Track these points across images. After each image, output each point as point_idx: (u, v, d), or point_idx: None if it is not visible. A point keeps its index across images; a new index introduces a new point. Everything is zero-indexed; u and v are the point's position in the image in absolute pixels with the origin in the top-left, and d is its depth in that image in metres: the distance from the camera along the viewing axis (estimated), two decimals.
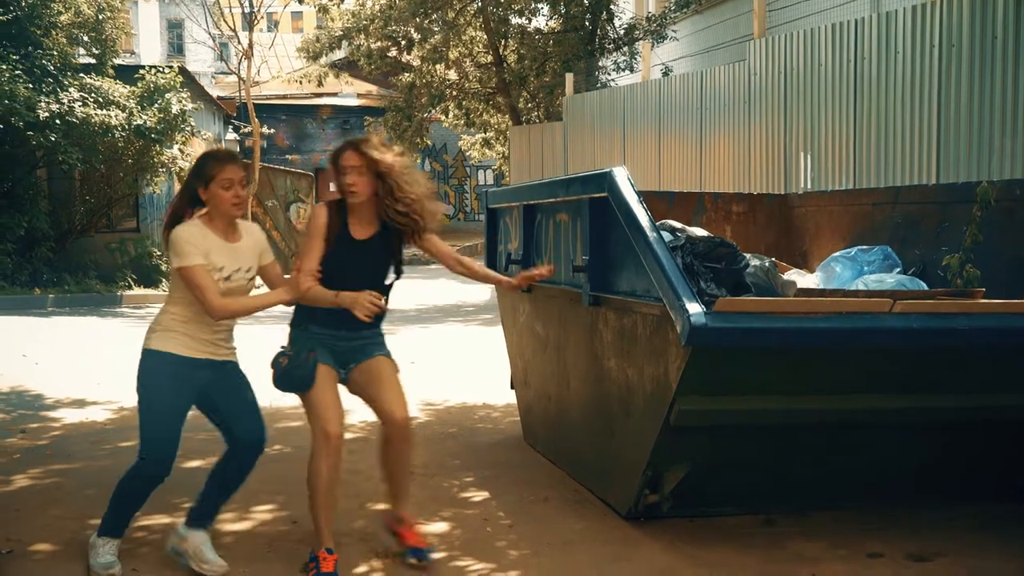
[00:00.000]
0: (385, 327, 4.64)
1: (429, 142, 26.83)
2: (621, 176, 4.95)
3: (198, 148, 20.16)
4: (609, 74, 21.46)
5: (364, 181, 4.38)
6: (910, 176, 9.15)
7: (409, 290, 20.43)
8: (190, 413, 4.28)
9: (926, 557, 4.53)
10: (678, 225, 5.76)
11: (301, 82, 26.96)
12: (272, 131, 28.35)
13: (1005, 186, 5.75)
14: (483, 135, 26.81)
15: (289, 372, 4.31)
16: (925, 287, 5.68)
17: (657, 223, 5.47)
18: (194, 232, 4.17)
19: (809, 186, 10.59)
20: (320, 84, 25.31)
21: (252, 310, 4.32)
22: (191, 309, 4.20)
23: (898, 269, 6.16)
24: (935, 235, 6.15)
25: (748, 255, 5.68)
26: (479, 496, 5.59)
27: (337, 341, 4.44)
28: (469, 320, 15.09)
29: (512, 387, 7.14)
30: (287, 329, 4.51)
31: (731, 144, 12.35)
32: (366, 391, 4.51)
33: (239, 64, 25.35)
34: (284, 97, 32.01)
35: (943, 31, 8.74)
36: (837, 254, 6.37)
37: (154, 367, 4.24)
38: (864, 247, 6.35)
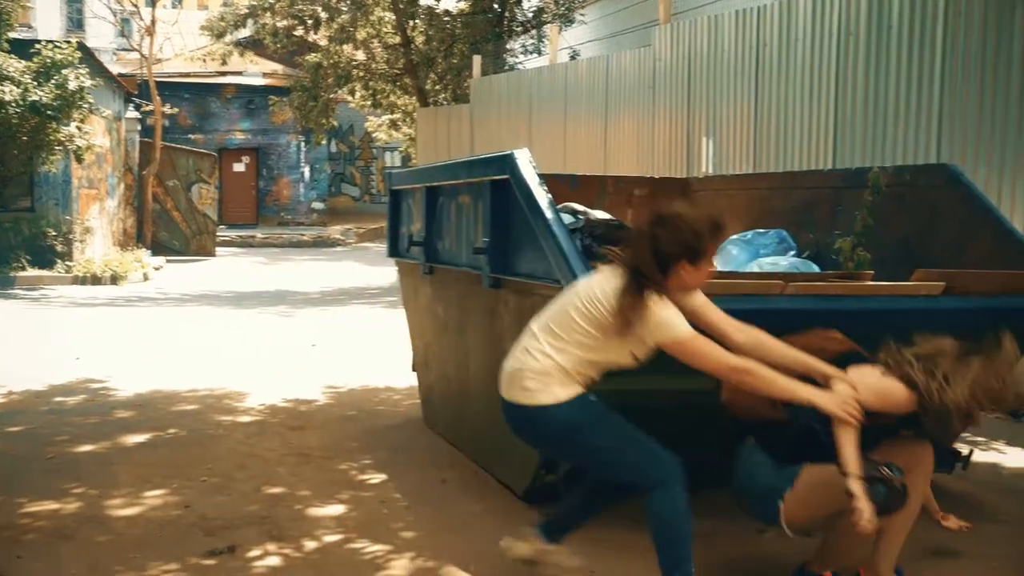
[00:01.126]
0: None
1: (335, 123, 26.56)
2: (523, 158, 4.94)
3: (96, 126, 19.64)
4: (517, 57, 21.48)
5: None
6: (807, 161, 9.32)
7: (313, 272, 20.24)
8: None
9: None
10: (580, 208, 5.77)
11: (205, 60, 26.45)
12: (175, 110, 27.76)
13: (896, 172, 5.89)
14: (390, 116, 26.64)
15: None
16: (818, 270, 5.79)
17: (559, 206, 5.49)
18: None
19: (711, 170, 10.73)
20: (224, 63, 24.89)
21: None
22: None
23: (793, 252, 6.27)
24: (829, 219, 6.28)
25: None
26: (377, 478, 5.55)
27: None
28: (374, 302, 14.99)
29: (413, 369, 7.11)
30: None
31: (635, 128, 12.44)
32: None
33: (141, 41, 24.77)
34: (187, 75, 31.34)
35: (841, 20, 8.91)
36: (734, 237, 6.46)
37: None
38: (760, 230, 6.45)
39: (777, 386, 3.59)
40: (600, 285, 3.62)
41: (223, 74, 30.38)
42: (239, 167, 33.42)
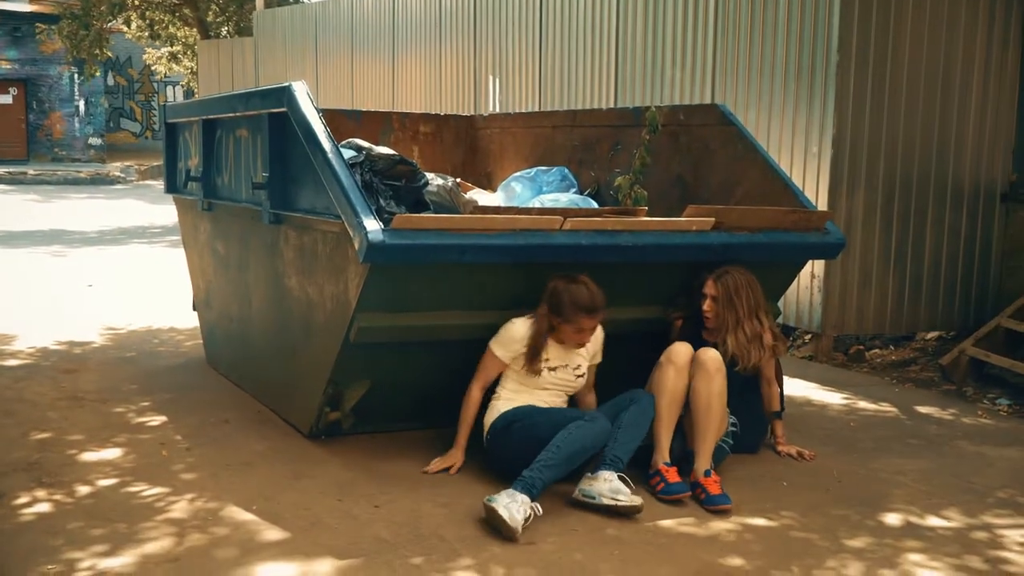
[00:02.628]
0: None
1: (110, 54, 25.31)
2: (300, 91, 4.84)
3: None
4: None
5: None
6: (590, 100, 9.52)
7: (91, 211, 19.34)
8: None
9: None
10: (364, 144, 5.71)
11: None
12: None
13: (671, 111, 6.08)
14: (170, 49, 25.57)
15: None
16: (597, 206, 5.95)
17: (343, 142, 5.42)
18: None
19: (497, 108, 10.82)
20: None
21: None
22: None
23: (574, 189, 6.41)
24: (609, 157, 6.44)
25: (431, 174, 5.74)
26: (156, 421, 5.40)
27: None
28: (155, 242, 14.47)
29: (194, 309, 6.92)
30: None
31: (423, 67, 12.39)
32: None
33: None
34: None
35: None
36: (517, 174, 6.56)
37: None
38: (544, 168, 6.57)
39: None
40: None
41: None
42: (5, 99, 31.41)
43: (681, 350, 4.65)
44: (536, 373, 4.54)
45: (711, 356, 4.60)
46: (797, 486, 4.64)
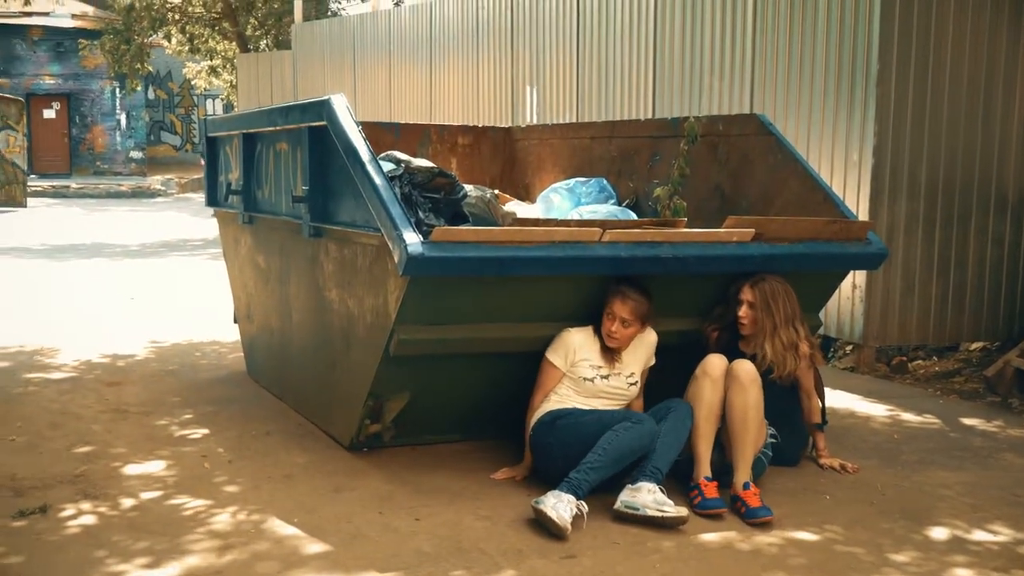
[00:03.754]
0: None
1: (151, 68, 25.59)
2: (340, 104, 4.87)
3: None
4: (340, 2, 21.09)
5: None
6: (627, 111, 9.50)
7: (132, 224, 19.55)
8: None
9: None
10: (402, 156, 5.72)
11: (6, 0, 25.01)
12: None
13: (709, 121, 6.06)
14: (209, 63, 25.80)
15: None
16: (636, 217, 5.93)
17: (381, 154, 5.44)
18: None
19: (534, 120, 10.82)
20: (27, 3, 23.56)
21: None
22: None
23: (613, 200, 6.40)
24: (648, 168, 6.42)
25: (469, 186, 5.74)
26: (198, 433, 5.44)
27: None
28: (196, 254, 14.61)
29: (235, 321, 6.97)
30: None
31: (460, 78, 12.42)
32: None
33: None
34: None
35: None
36: (556, 185, 6.55)
37: None
38: (582, 179, 6.56)
39: None
40: None
41: (28, 15, 28.82)
42: (49, 113, 31.88)
43: (716, 362, 4.62)
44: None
45: (746, 368, 4.57)
46: (840, 499, 4.59)
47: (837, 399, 6.34)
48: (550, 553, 3.87)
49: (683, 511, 4.14)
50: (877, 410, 6.23)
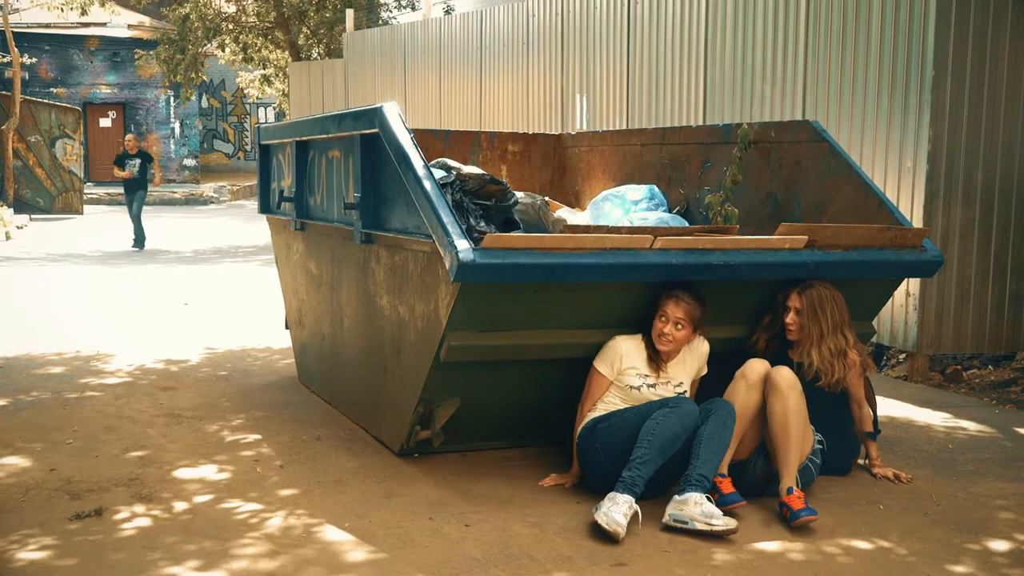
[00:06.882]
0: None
1: (205, 77, 25.88)
2: (391, 112, 4.90)
3: None
4: (391, 11, 21.20)
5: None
6: (678, 118, 9.46)
7: (186, 231, 19.78)
8: None
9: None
10: (454, 164, 5.75)
11: (63, 10, 25.41)
12: (34, 61, 26.63)
13: (762, 128, 6.01)
14: (262, 72, 26.04)
15: None
16: (687, 224, 5.90)
17: (432, 161, 5.47)
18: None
19: (584, 126, 10.81)
20: (85, 13, 23.95)
21: None
22: None
23: (663, 207, 6.37)
24: (699, 175, 6.39)
25: (520, 193, 5.75)
26: (250, 438, 5.49)
27: None
28: (249, 260, 14.75)
29: (287, 327, 7.03)
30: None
31: (510, 85, 12.44)
32: None
33: None
34: (47, 26, 30.10)
35: None
36: (606, 192, 6.54)
37: None
38: (633, 186, 6.54)
39: None
40: None
41: (85, 25, 29.32)
42: (106, 122, 32.36)
43: (755, 366, 4.59)
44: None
45: (784, 374, 4.52)
46: (894, 509, 4.53)
47: (890, 408, 6.26)
48: (600, 560, 3.86)
49: (732, 522, 4.11)
50: (931, 419, 6.15)
